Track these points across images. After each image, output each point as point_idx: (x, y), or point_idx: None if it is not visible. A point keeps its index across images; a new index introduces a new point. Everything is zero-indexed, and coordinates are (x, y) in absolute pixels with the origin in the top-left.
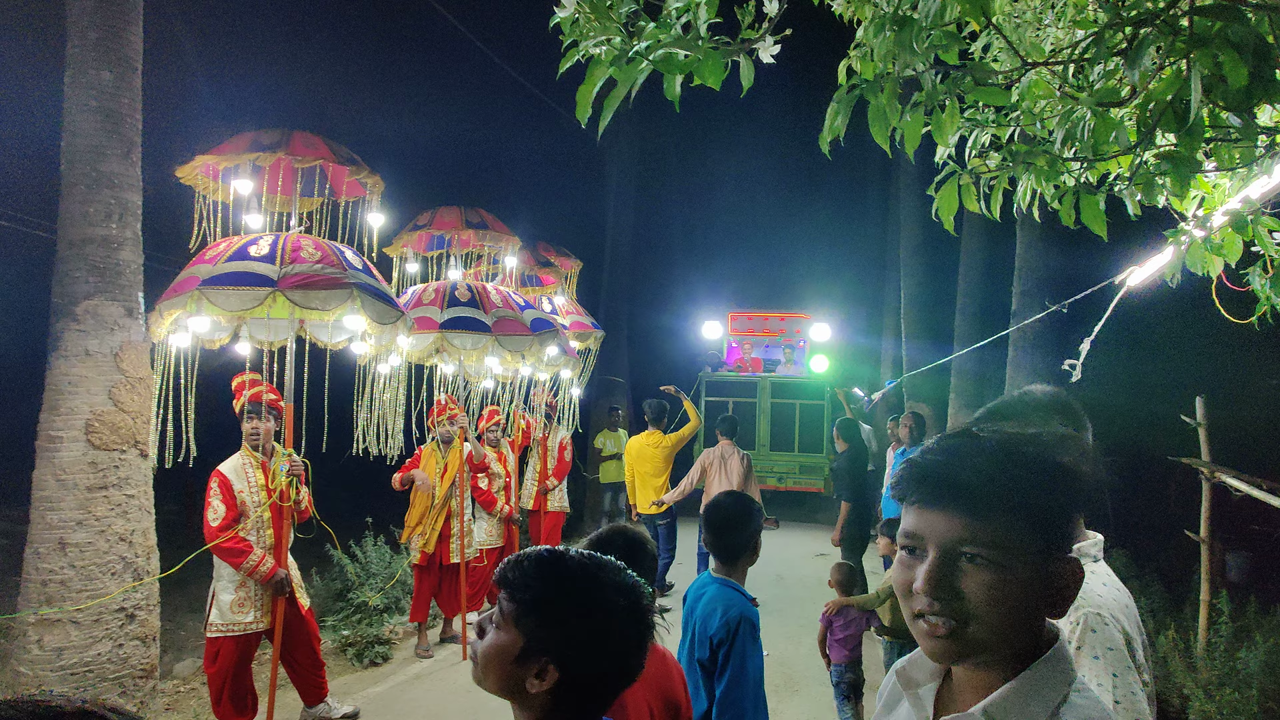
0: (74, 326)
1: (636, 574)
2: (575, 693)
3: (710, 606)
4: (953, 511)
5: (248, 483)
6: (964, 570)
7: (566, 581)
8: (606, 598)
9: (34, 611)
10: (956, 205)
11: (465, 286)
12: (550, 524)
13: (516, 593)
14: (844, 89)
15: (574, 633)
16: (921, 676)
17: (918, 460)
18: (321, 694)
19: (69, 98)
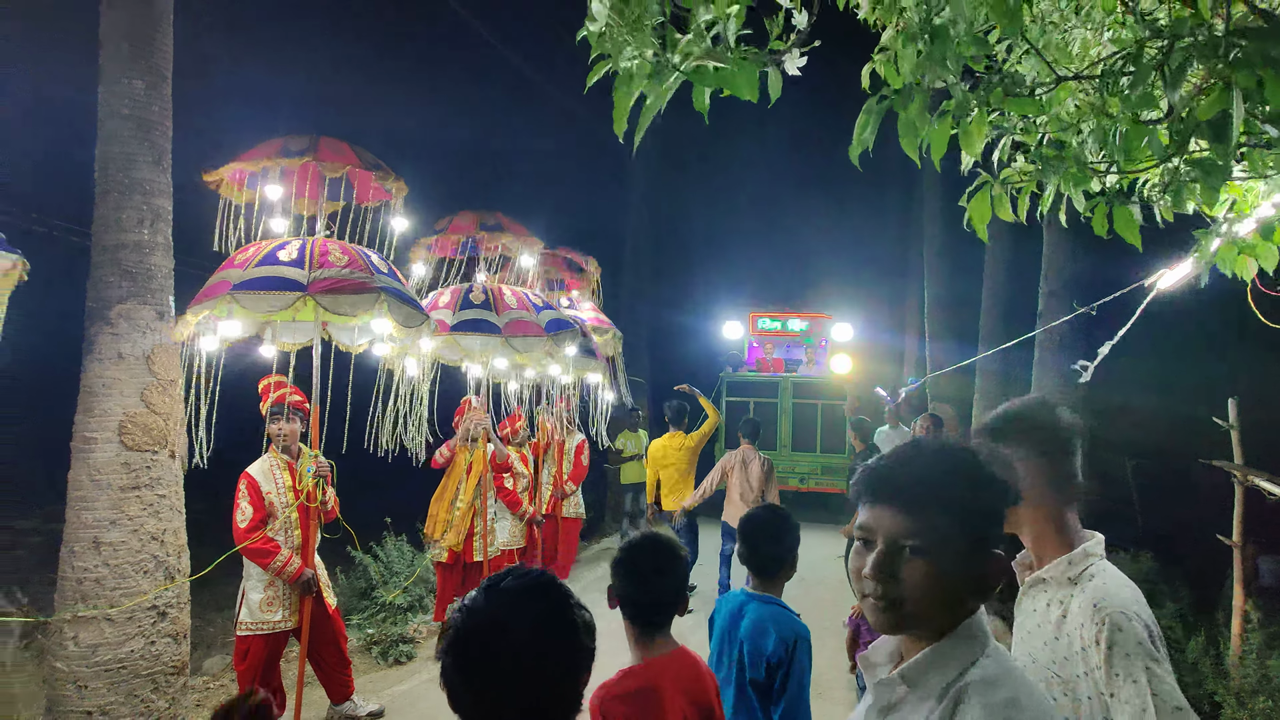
0: (107, 330)
1: (669, 580)
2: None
3: (759, 627)
4: (895, 509)
5: (275, 484)
6: (905, 559)
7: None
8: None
9: (71, 613)
10: (989, 215)
11: (481, 289)
12: (567, 530)
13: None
14: (873, 101)
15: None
16: (880, 659)
17: (872, 465)
18: (348, 692)
19: (103, 107)
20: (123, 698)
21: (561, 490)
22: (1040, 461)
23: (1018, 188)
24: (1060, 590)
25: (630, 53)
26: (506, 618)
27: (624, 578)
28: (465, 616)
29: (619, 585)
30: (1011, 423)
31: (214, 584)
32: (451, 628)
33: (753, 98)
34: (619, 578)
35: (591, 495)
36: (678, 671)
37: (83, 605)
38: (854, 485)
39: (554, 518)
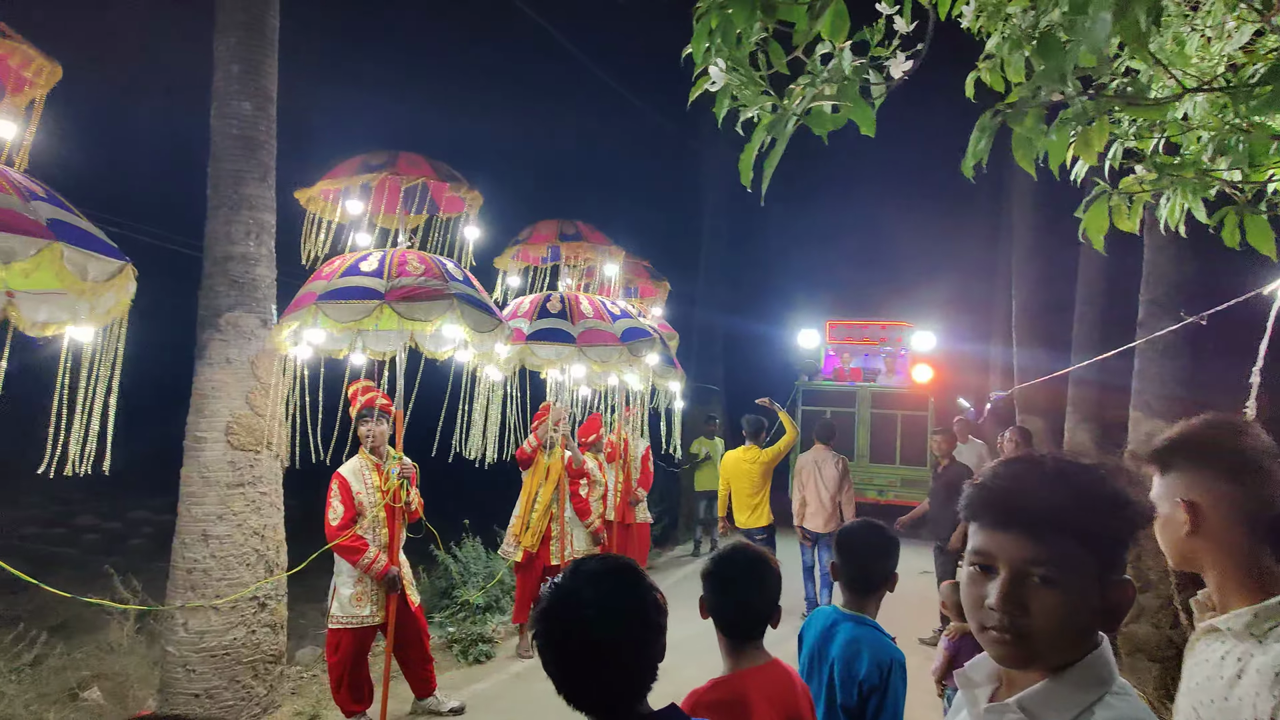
0: (217, 336)
1: (761, 593)
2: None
3: (852, 649)
4: (1020, 534)
5: (364, 484)
6: (1032, 589)
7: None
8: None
9: (183, 602)
10: (1106, 225)
11: (559, 298)
12: (639, 535)
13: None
14: (987, 116)
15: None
16: (980, 678)
17: (987, 484)
18: (430, 687)
19: (215, 128)
20: (226, 682)
21: (634, 496)
22: (1229, 489)
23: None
24: (1240, 645)
25: (746, 98)
26: (585, 590)
27: (714, 589)
28: (553, 590)
29: (709, 596)
30: (1190, 444)
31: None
32: (542, 600)
33: (870, 132)
34: (709, 589)
35: (663, 504)
36: (769, 684)
37: (192, 594)
38: (966, 505)
39: (627, 525)
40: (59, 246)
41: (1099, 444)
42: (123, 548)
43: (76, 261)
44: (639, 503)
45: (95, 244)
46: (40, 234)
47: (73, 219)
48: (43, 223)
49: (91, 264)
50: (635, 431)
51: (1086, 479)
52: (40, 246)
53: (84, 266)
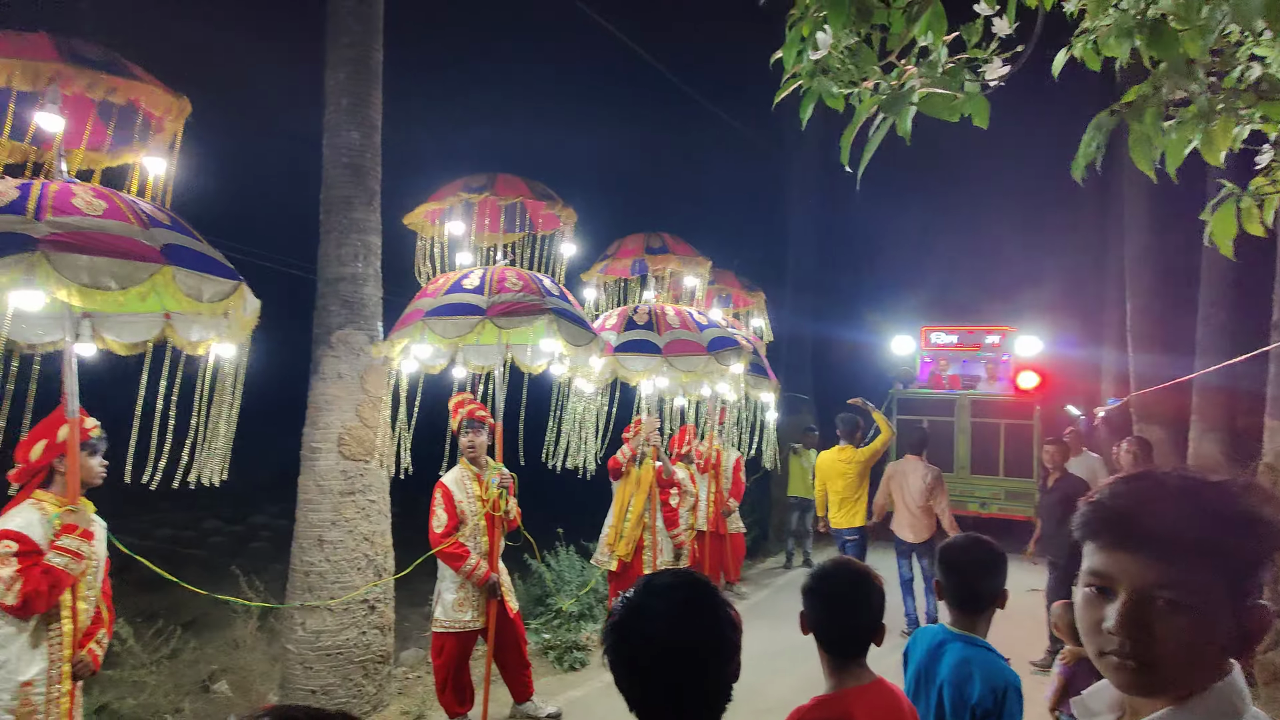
0: (329, 353)
1: (864, 610)
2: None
3: (963, 670)
4: (1143, 555)
5: (466, 493)
6: (1157, 613)
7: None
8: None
9: (301, 602)
10: (1235, 229)
11: (646, 309)
12: (734, 545)
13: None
14: (1104, 114)
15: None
16: (1099, 706)
17: (1104, 502)
18: (528, 692)
19: (326, 157)
20: (340, 680)
21: (726, 507)
22: None
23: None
24: None
25: (851, 74)
26: (656, 604)
27: (815, 605)
28: (623, 604)
29: (810, 612)
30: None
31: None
32: (613, 613)
33: (983, 124)
34: (810, 605)
35: (754, 515)
36: (875, 704)
37: (309, 596)
38: (1082, 523)
39: (721, 536)
40: (170, 270)
41: (1229, 456)
42: (245, 550)
43: (189, 283)
44: (731, 513)
45: (210, 266)
46: (153, 258)
47: (191, 243)
48: (158, 248)
49: (205, 285)
50: (727, 442)
51: (1216, 496)
52: (152, 270)
53: (198, 288)
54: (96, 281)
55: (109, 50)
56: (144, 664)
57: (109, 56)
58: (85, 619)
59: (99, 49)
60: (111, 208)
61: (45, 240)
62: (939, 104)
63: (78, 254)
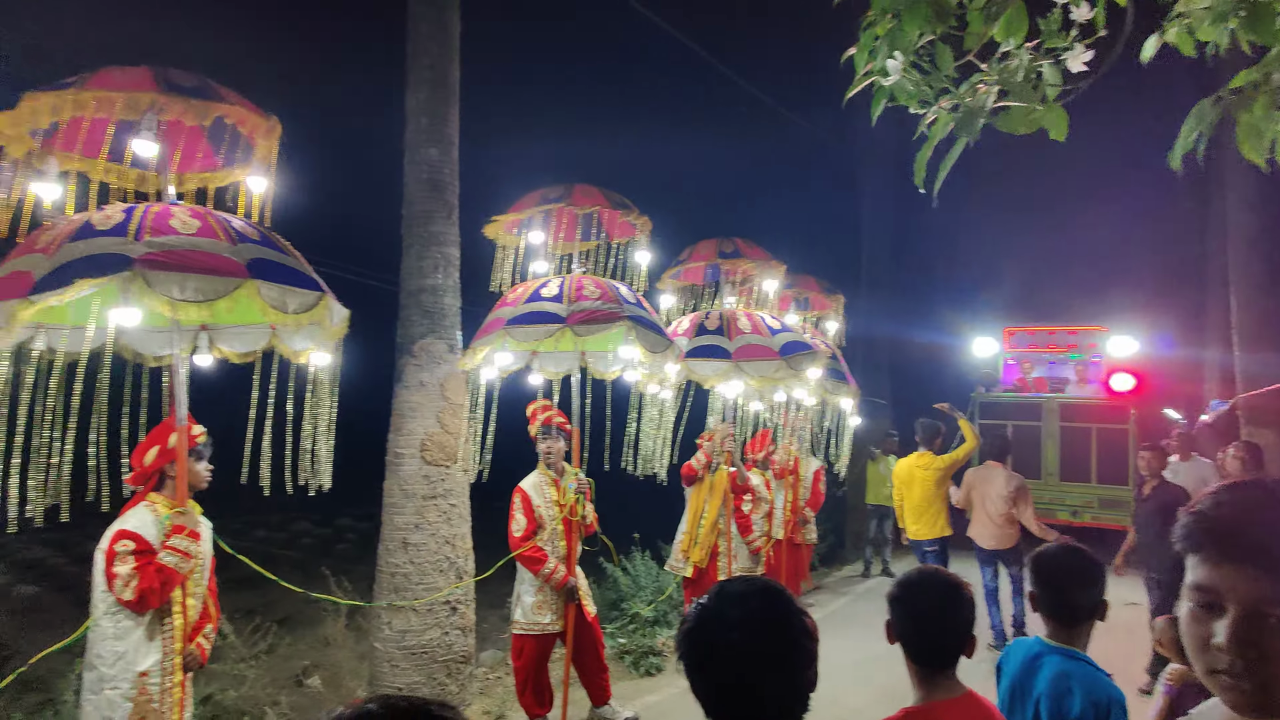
0: (412, 362)
1: (952, 620)
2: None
3: (1062, 685)
4: (1251, 569)
5: (544, 498)
6: (1270, 630)
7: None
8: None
9: (388, 602)
10: None
11: (718, 315)
12: (803, 556)
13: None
14: (1207, 103)
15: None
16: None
17: (1209, 512)
18: (606, 696)
19: (407, 173)
20: (424, 679)
21: (802, 515)
22: None
23: None
24: None
25: (923, 94)
26: (730, 611)
27: (902, 615)
28: (697, 611)
29: (897, 622)
30: None
31: (487, 585)
32: (686, 620)
33: (1060, 136)
34: (896, 614)
35: (829, 522)
36: (965, 718)
37: (395, 596)
38: (1184, 535)
39: (796, 545)
40: (254, 284)
41: None
42: (332, 551)
43: (272, 295)
44: (808, 523)
45: (295, 279)
46: (237, 273)
47: (278, 257)
48: (243, 263)
49: (289, 297)
50: (805, 448)
51: None
52: (235, 284)
53: (281, 300)
54: (185, 296)
55: (202, 77)
56: (243, 658)
57: (201, 83)
58: (194, 614)
59: (193, 77)
60: (205, 226)
61: (140, 259)
62: (1016, 119)
63: (169, 271)
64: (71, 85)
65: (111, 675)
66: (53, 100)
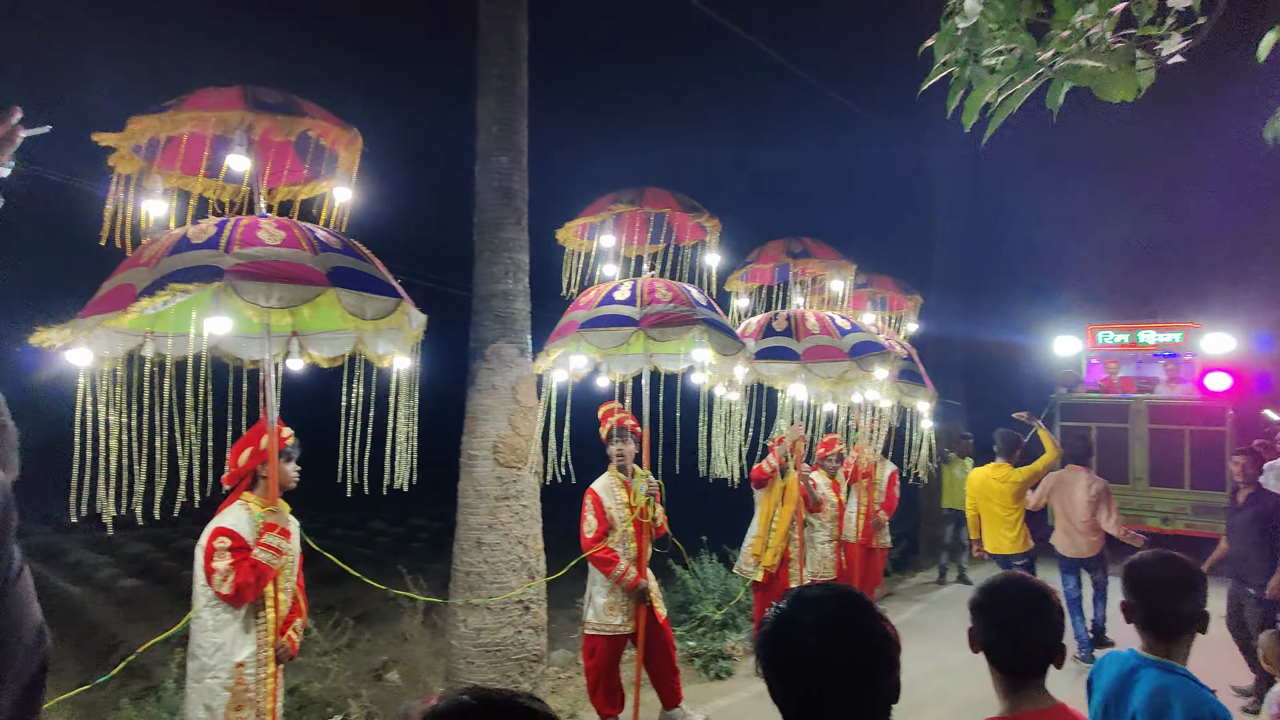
0: (484, 366)
1: (1038, 628)
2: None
3: (1160, 700)
4: None
5: (614, 500)
6: None
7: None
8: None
9: (464, 600)
10: None
11: (785, 316)
12: (880, 561)
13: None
14: None
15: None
16: None
17: None
18: (677, 698)
19: (479, 181)
20: (499, 676)
21: (877, 519)
22: None
23: None
24: None
25: (992, 50)
26: (807, 615)
27: (984, 622)
28: (775, 615)
29: (980, 630)
30: None
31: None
32: (764, 624)
33: (1129, 97)
34: (980, 622)
35: (902, 527)
36: None
37: (470, 594)
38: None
39: (869, 549)
40: (333, 291)
41: None
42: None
43: (351, 302)
44: (882, 527)
45: (374, 285)
46: (317, 281)
47: (359, 265)
48: (324, 271)
49: (367, 303)
50: (878, 451)
51: None
52: (316, 293)
53: (360, 306)
54: (271, 304)
55: (287, 94)
56: (326, 651)
57: (286, 99)
58: (284, 608)
59: (278, 94)
60: (289, 237)
61: (230, 270)
62: (1103, 81)
63: (256, 280)
64: (170, 107)
65: (211, 665)
66: (154, 122)
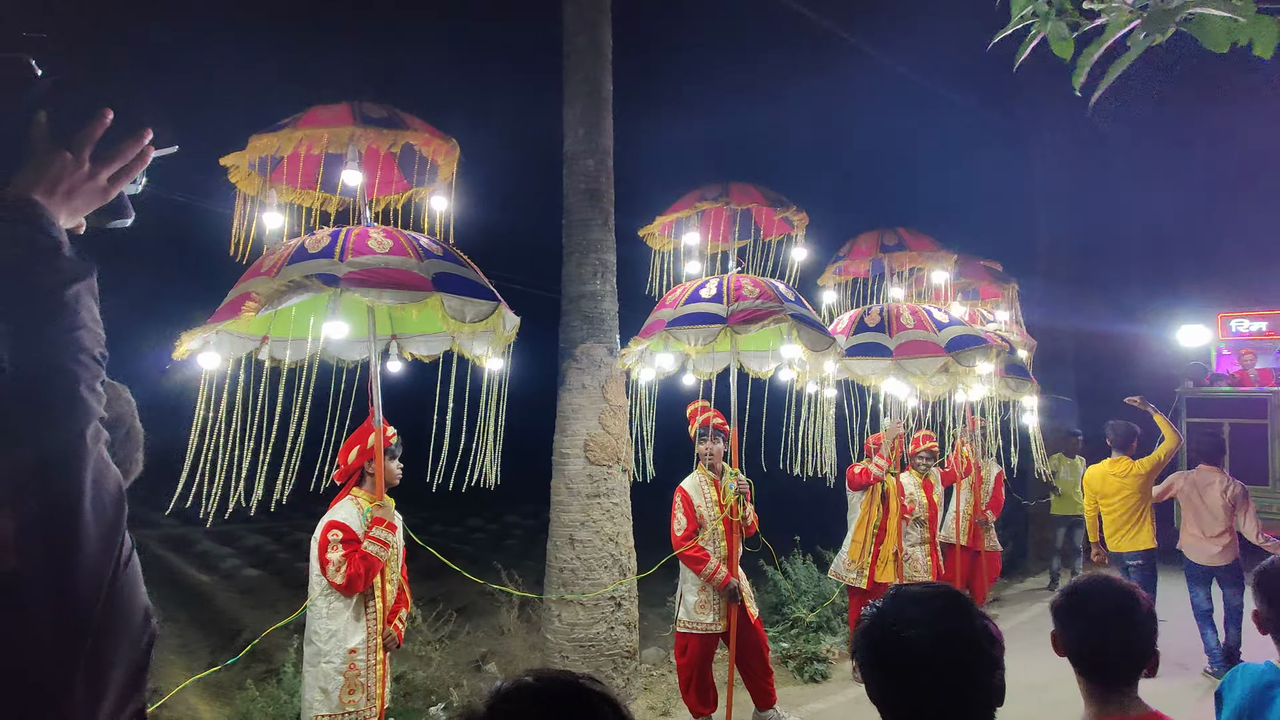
0: (574, 366)
1: (1124, 631)
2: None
3: None
4: None
5: (704, 498)
6: None
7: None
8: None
9: (558, 595)
10: None
11: (878, 310)
12: (989, 563)
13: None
14: None
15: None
16: None
17: None
18: (771, 700)
19: (567, 184)
20: (592, 671)
21: (983, 518)
22: None
23: None
24: None
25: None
26: (907, 611)
27: (1066, 625)
28: (873, 613)
29: (1062, 632)
30: None
31: (649, 583)
32: (862, 621)
33: (1266, 53)
34: (1061, 624)
35: (1008, 530)
36: None
37: (564, 590)
38: None
39: (972, 549)
40: (438, 296)
41: None
42: (501, 546)
43: (454, 306)
44: (988, 527)
45: (473, 290)
46: (423, 286)
47: (459, 270)
48: (429, 277)
49: (467, 307)
50: (982, 448)
51: None
52: (423, 297)
53: (460, 309)
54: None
55: (390, 108)
56: (429, 641)
57: (390, 113)
58: (391, 599)
59: (383, 108)
60: (396, 245)
61: (345, 278)
62: (1214, 31)
63: (368, 287)
64: (286, 125)
65: (327, 651)
66: (273, 140)
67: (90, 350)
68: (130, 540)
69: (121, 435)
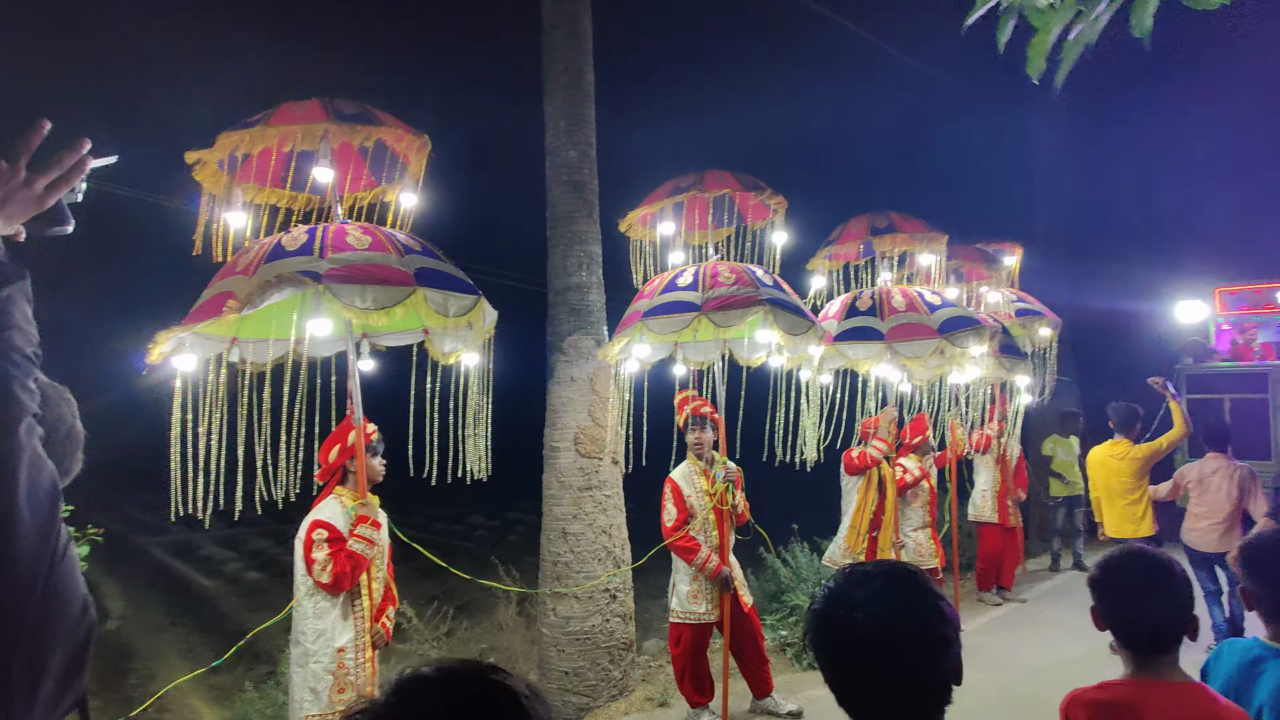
0: (562, 359)
1: (1163, 600)
2: None
3: None
4: None
5: (694, 488)
6: None
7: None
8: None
9: (551, 589)
10: None
11: (869, 294)
12: (1018, 539)
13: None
14: None
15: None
16: None
17: None
18: (767, 688)
19: (549, 176)
20: (589, 664)
21: (1016, 496)
22: None
23: None
24: None
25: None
26: (855, 592)
27: (1105, 599)
28: (824, 591)
29: (1102, 607)
30: None
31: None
32: (813, 602)
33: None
34: (1101, 599)
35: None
36: (1178, 705)
37: (558, 583)
38: None
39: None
40: (421, 291)
41: None
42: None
43: (437, 301)
44: (1021, 502)
45: (454, 284)
46: (406, 282)
47: (439, 265)
48: (410, 272)
49: (451, 301)
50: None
51: None
52: (408, 293)
53: (444, 304)
54: (366, 305)
55: (361, 104)
56: (426, 639)
57: (362, 109)
58: (378, 597)
59: (354, 104)
60: (375, 241)
61: (327, 275)
62: None
63: (351, 284)
64: (258, 122)
65: (314, 650)
66: (243, 136)
67: (22, 349)
68: (66, 533)
69: (62, 435)
